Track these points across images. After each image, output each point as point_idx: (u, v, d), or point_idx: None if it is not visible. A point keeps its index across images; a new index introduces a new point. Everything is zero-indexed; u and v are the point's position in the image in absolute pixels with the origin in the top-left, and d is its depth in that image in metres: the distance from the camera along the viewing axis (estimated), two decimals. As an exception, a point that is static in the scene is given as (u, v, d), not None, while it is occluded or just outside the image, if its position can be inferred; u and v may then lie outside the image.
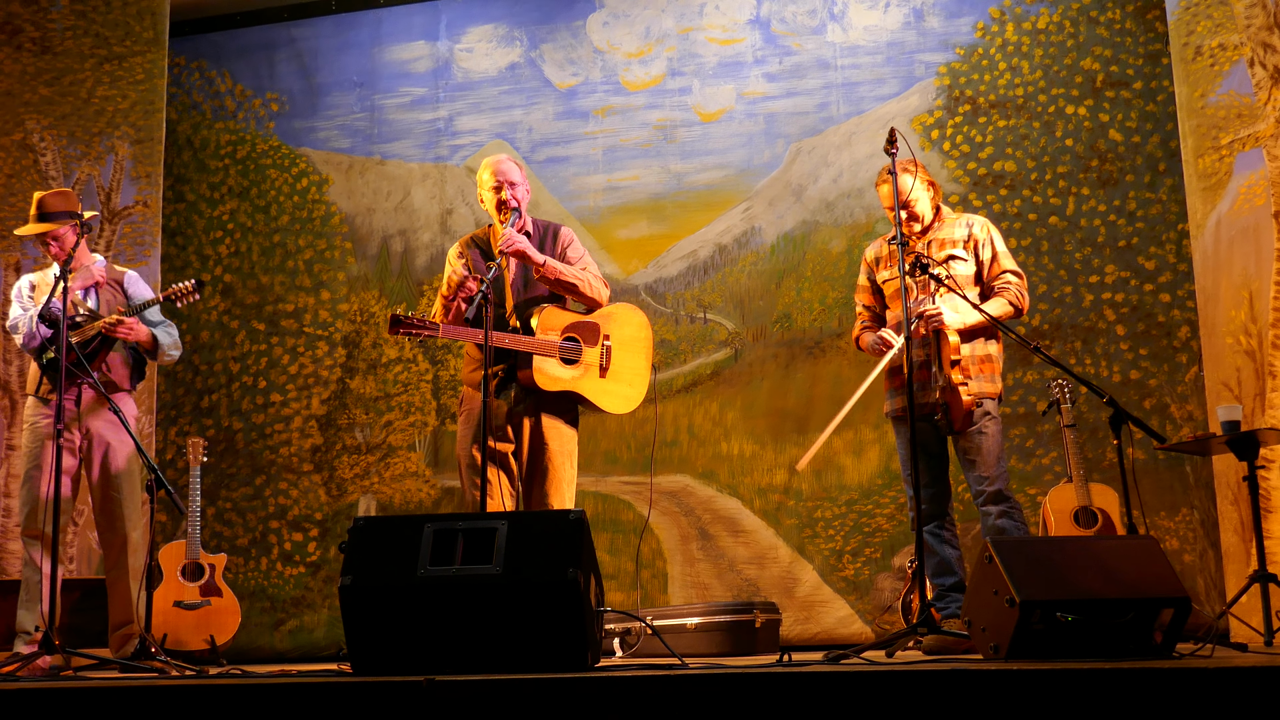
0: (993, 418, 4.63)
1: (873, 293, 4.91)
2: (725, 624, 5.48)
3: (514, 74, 7.45)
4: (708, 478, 6.78)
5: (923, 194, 4.71)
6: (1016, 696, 2.64)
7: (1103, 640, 3.24)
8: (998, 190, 6.61)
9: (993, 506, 4.59)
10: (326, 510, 7.24)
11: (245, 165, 7.75)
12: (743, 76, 7.10)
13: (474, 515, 3.65)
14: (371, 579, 3.42)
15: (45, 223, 5.15)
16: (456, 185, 7.43)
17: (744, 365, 6.85)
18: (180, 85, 7.80)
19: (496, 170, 4.80)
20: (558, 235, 4.92)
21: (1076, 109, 6.57)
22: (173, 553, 6.20)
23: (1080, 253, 6.45)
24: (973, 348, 4.63)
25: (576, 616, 3.32)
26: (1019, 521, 4.61)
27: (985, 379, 4.65)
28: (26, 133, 6.81)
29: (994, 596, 3.34)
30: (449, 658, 3.30)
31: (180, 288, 5.08)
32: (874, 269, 4.88)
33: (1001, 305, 4.63)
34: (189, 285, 5.10)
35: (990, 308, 4.58)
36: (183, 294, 5.08)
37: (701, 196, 7.07)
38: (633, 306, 5.01)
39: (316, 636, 6.99)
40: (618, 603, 6.50)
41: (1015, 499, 4.68)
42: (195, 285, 5.11)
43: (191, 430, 7.32)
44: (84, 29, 6.96)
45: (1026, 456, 6.33)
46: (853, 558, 6.47)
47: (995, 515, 4.56)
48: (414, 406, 7.26)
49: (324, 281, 7.52)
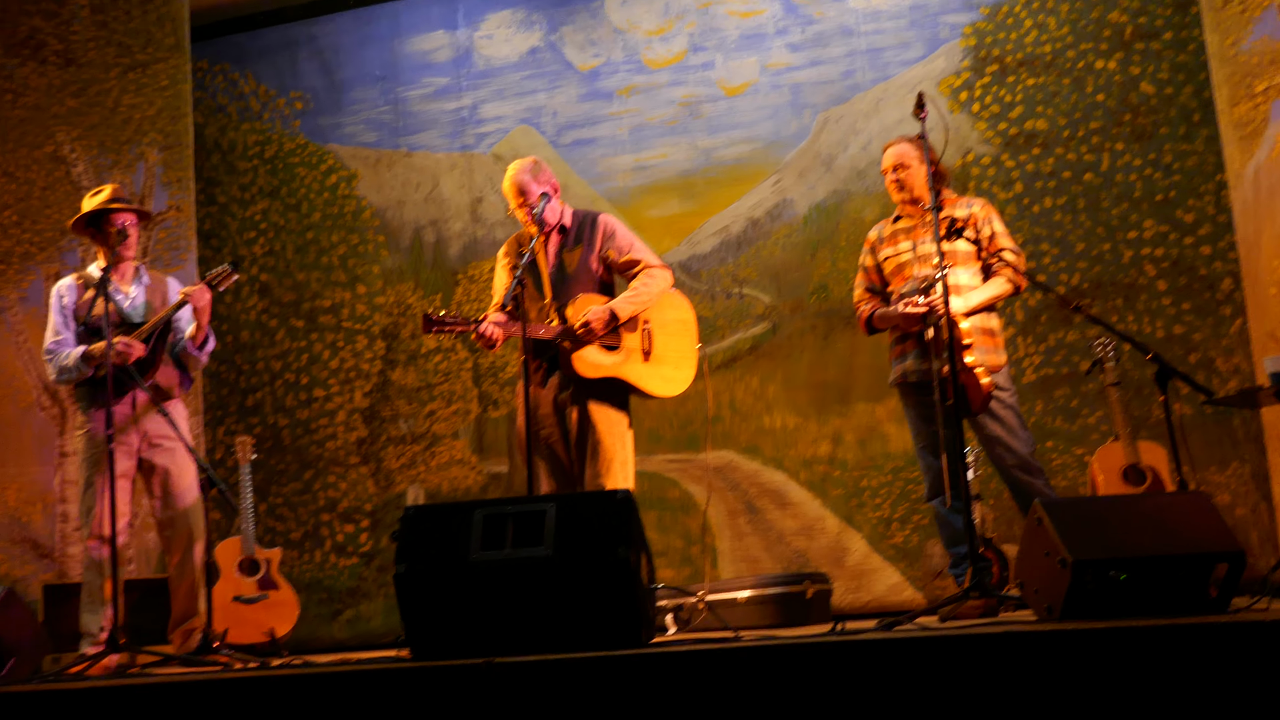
0: (1006, 390, 4.67)
1: (875, 272, 4.94)
2: (776, 596, 5.49)
3: (535, 58, 7.45)
4: (752, 452, 6.78)
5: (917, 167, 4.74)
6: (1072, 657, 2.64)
7: (1157, 597, 3.23)
8: (1030, 150, 6.56)
9: (1026, 475, 4.59)
10: (375, 501, 7.31)
11: (274, 165, 7.80)
12: (765, 48, 7.06)
13: (523, 499, 3.67)
14: (425, 566, 3.45)
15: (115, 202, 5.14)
16: (485, 173, 7.45)
17: (783, 338, 6.85)
18: (205, 89, 7.85)
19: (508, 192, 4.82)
20: (596, 225, 4.88)
21: (1106, 63, 6.50)
22: (229, 549, 6.27)
23: (1117, 209, 6.39)
24: (973, 322, 4.65)
25: (629, 595, 3.34)
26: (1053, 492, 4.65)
27: (990, 351, 4.69)
28: (57, 145, 6.88)
29: (1045, 558, 3.33)
30: (505, 640, 3.33)
31: (218, 271, 5.09)
32: (876, 247, 4.96)
33: (1001, 284, 4.74)
34: (226, 268, 5.11)
35: (991, 288, 4.72)
36: (222, 276, 5.09)
37: (731, 171, 7.05)
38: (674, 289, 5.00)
39: (374, 625, 7.06)
40: (668, 579, 6.53)
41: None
42: (233, 266, 5.12)
43: (238, 429, 7.40)
44: (106, 39, 7.02)
45: (1072, 416, 6.29)
46: (901, 525, 6.46)
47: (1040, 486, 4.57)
48: (456, 395, 7.30)
49: (359, 276, 7.56)
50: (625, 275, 4.88)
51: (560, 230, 4.88)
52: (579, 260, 4.83)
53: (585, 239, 4.85)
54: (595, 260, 4.84)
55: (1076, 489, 6.12)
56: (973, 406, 4.51)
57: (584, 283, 4.80)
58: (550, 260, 4.83)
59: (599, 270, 4.85)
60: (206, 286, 5.06)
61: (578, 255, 4.83)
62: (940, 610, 4.11)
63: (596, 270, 4.84)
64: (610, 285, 4.90)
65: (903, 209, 4.88)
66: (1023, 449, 4.61)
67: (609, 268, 4.87)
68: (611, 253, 4.84)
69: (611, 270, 4.89)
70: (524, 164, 4.83)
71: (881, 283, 4.93)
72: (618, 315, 4.67)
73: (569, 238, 4.87)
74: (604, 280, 4.88)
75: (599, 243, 4.84)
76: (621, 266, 4.86)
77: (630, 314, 4.72)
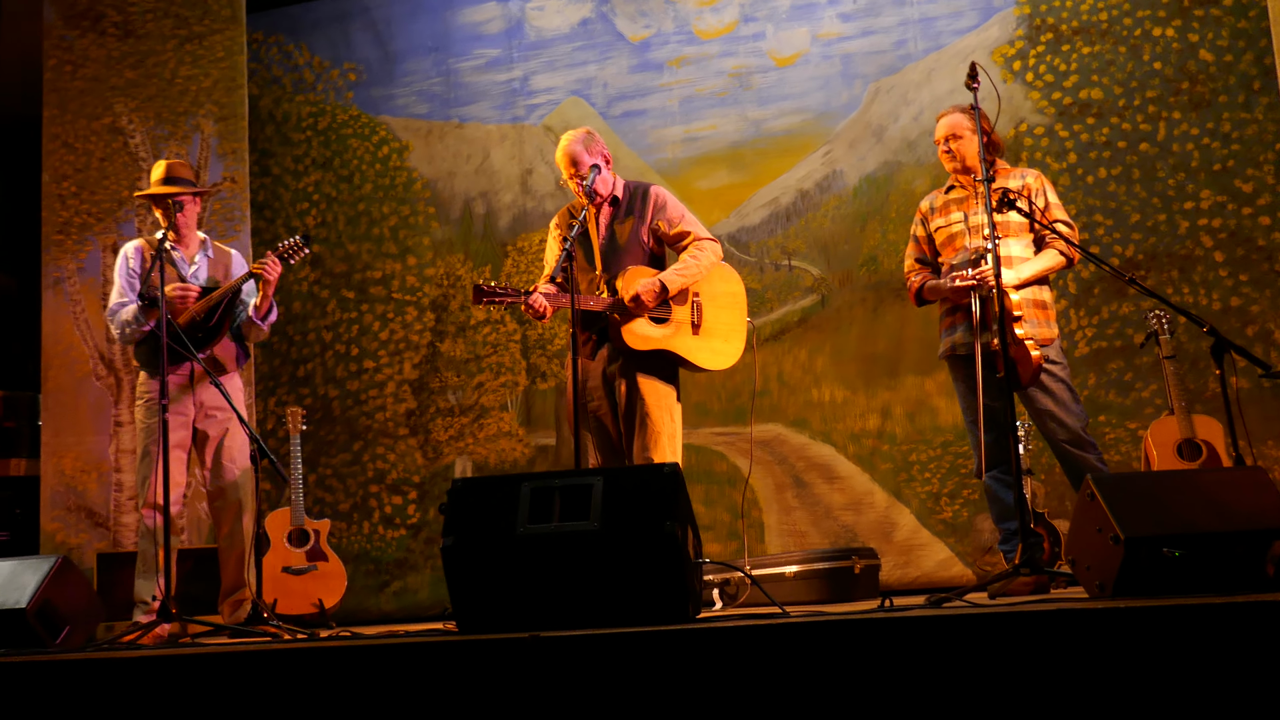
0: (1058, 363, 4.60)
1: (926, 243, 4.88)
2: (824, 571, 5.48)
3: (586, 29, 7.42)
4: (800, 425, 6.75)
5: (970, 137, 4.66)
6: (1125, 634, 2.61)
7: (1212, 575, 3.18)
8: (1084, 119, 6.45)
9: (1078, 450, 4.53)
10: (424, 473, 7.36)
11: (327, 136, 7.83)
12: (817, 18, 6.99)
13: (570, 472, 3.68)
14: (472, 539, 3.47)
15: (171, 185, 5.22)
16: (535, 145, 7.44)
17: (831, 311, 6.80)
18: (260, 60, 7.89)
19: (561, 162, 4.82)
20: (647, 196, 4.87)
21: (1164, 30, 6.38)
22: (278, 520, 6.34)
23: (1174, 179, 6.28)
24: (1024, 295, 4.58)
25: (675, 569, 3.34)
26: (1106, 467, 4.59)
27: (1042, 324, 4.62)
28: (115, 116, 6.95)
29: (1098, 534, 3.29)
30: (551, 613, 3.35)
31: (290, 243, 5.12)
32: (928, 218, 4.88)
33: (1053, 256, 4.64)
34: (298, 240, 5.13)
35: (1043, 260, 4.64)
36: (294, 249, 5.11)
37: (780, 142, 7.00)
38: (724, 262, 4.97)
39: (421, 597, 7.12)
40: (715, 553, 6.53)
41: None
42: (303, 239, 5.13)
43: (289, 400, 7.47)
44: (164, 10, 7.07)
45: (1125, 390, 6.21)
46: (950, 500, 6.41)
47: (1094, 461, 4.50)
48: (504, 367, 7.32)
49: (409, 247, 7.59)
50: (675, 247, 4.86)
51: (612, 202, 4.87)
52: (630, 232, 4.81)
53: (636, 211, 4.83)
54: (646, 232, 4.82)
55: (1130, 464, 6.04)
56: (1023, 380, 4.46)
57: (634, 255, 4.79)
58: (601, 232, 4.82)
59: (649, 242, 4.84)
60: (277, 259, 5.09)
61: (629, 227, 4.82)
62: (990, 587, 4.08)
63: (647, 242, 4.83)
64: (660, 257, 4.88)
65: (955, 179, 4.82)
66: (1074, 423, 4.55)
67: (659, 240, 4.86)
68: (662, 224, 4.82)
69: (662, 242, 4.87)
70: (577, 134, 4.83)
71: (933, 253, 4.87)
72: (668, 288, 4.66)
73: (620, 209, 4.86)
74: (654, 252, 4.86)
75: (649, 214, 4.83)
76: (672, 238, 4.84)
77: (680, 286, 4.70)
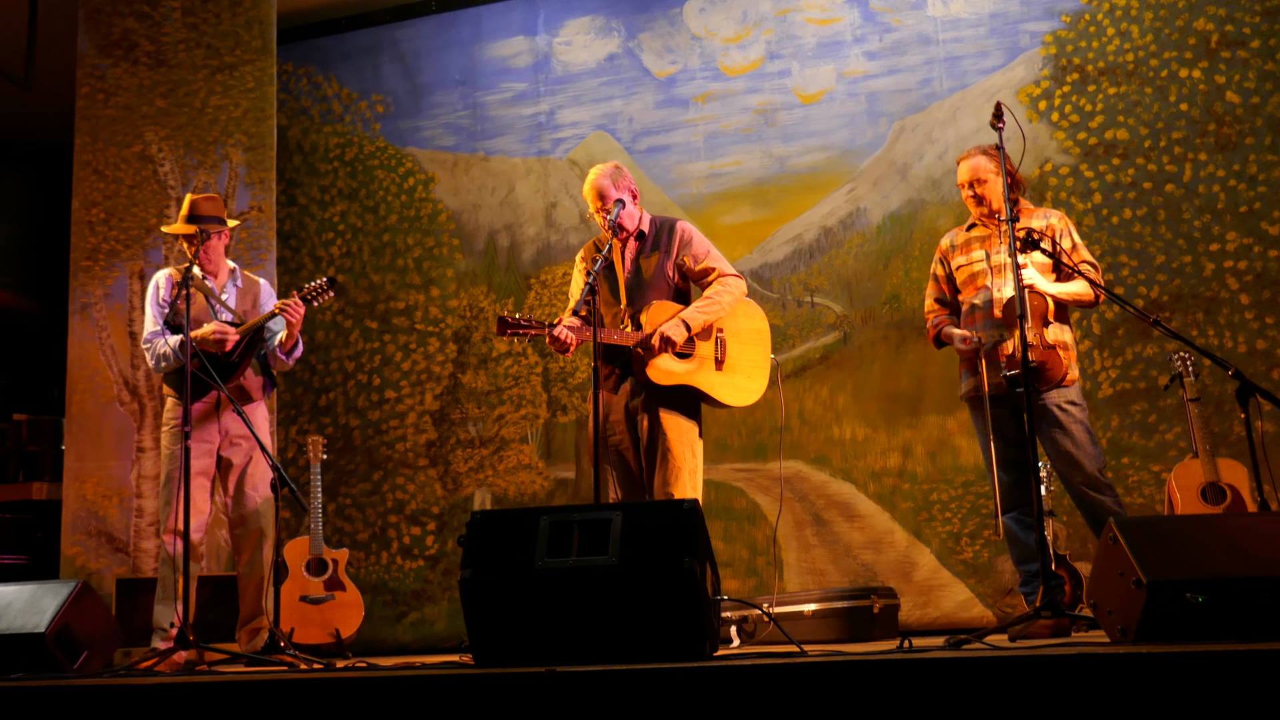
0: (1078, 405, 4.57)
1: (946, 282, 4.86)
2: (843, 610, 5.45)
3: (613, 65, 7.47)
4: (820, 463, 6.73)
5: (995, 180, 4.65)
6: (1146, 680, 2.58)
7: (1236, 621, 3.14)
8: (1110, 160, 6.45)
9: (1094, 493, 4.49)
10: (443, 504, 7.36)
11: (354, 167, 7.90)
12: (842, 56, 7.02)
13: (589, 507, 3.67)
14: (490, 572, 3.46)
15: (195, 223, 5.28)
16: (560, 178, 7.48)
17: (853, 348, 6.79)
18: (289, 91, 7.98)
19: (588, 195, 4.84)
20: (673, 231, 4.88)
21: (1191, 71, 6.37)
22: (297, 549, 6.35)
23: (1199, 220, 6.26)
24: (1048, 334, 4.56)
25: (693, 605, 3.33)
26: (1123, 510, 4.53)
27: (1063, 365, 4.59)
28: (145, 144, 7.02)
29: (1120, 578, 3.26)
30: (568, 648, 3.33)
31: (314, 286, 5.15)
32: (948, 256, 4.85)
33: (1083, 285, 4.60)
34: (322, 282, 5.16)
35: (1072, 285, 4.62)
36: (317, 291, 5.14)
37: (804, 179, 7.01)
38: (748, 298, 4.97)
39: (438, 629, 7.11)
40: (733, 590, 6.50)
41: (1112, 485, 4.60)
42: (328, 282, 5.16)
43: (311, 428, 7.49)
44: (196, 41, 7.15)
45: (1149, 432, 6.17)
46: (971, 540, 6.37)
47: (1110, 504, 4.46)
48: (525, 399, 7.33)
49: (433, 279, 7.63)
50: (700, 283, 4.87)
51: (638, 236, 4.89)
52: (655, 266, 4.82)
53: (662, 245, 4.85)
54: (671, 267, 4.84)
55: (1153, 507, 6.00)
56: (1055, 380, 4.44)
57: (659, 289, 4.80)
58: (627, 266, 4.84)
59: (674, 277, 4.85)
60: (301, 301, 5.12)
61: (654, 261, 4.83)
62: (1010, 629, 4.05)
63: (672, 277, 4.84)
64: (685, 293, 4.89)
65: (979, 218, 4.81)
66: (1091, 465, 4.51)
67: (684, 275, 4.86)
68: (687, 259, 4.83)
69: (687, 278, 4.88)
70: (605, 168, 4.85)
71: (952, 293, 4.85)
72: (690, 326, 4.66)
73: (646, 244, 4.87)
74: (679, 287, 4.87)
75: (675, 249, 4.84)
76: (697, 274, 4.85)
77: (702, 324, 4.70)
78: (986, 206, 4.71)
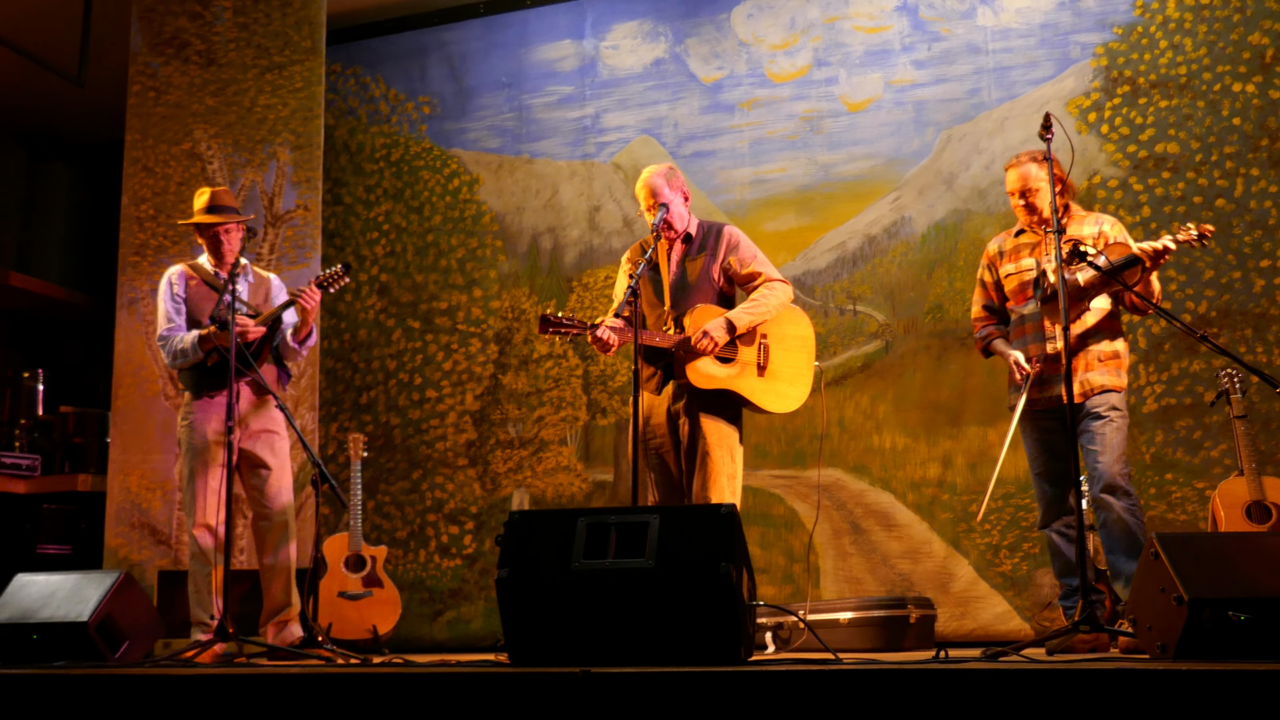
0: (1120, 411, 4.52)
1: (994, 289, 4.81)
2: (879, 619, 5.42)
3: (659, 69, 7.48)
4: (859, 471, 6.70)
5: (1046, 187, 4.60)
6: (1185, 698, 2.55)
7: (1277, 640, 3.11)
8: (1159, 173, 6.38)
9: (1112, 498, 4.42)
10: (481, 504, 7.39)
11: (399, 167, 7.95)
12: (890, 64, 6.99)
13: (626, 509, 3.68)
14: (527, 572, 3.48)
15: (215, 214, 5.36)
16: (604, 182, 7.50)
17: (895, 357, 6.76)
18: (337, 91, 8.05)
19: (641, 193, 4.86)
20: (721, 235, 4.89)
21: (1244, 86, 6.30)
22: (336, 545, 6.39)
23: (1250, 236, 6.18)
24: (1099, 344, 4.52)
25: (729, 610, 3.32)
26: (1140, 520, 4.45)
27: (1111, 373, 4.54)
28: (195, 142, 7.10)
29: (1161, 594, 3.23)
30: (603, 649, 3.34)
31: (330, 273, 5.20)
32: (996, 262, 4.79)
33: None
34: (338, 269, 5.21)
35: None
36: (333, 278, 5.20)
37: (849, 187, 6.99)
38: (793, 305, 4.97)
39: (474, 627, 7.14)
40: (769, 596, 6.48)
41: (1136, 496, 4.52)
42: (343, 269, 5.21)
43: (351, 426, 7.54)
44: (246, 40, 7.23)
45: (1194, 449, 6.10)
46: (1010, 552, 6.32)
47: (1120, 510, 4.39)
48: (565, 401, 7.35)
49: (476, 279, 7.66)
50: (746, 287, 4.86)
51: (685, 239, 4.89)
52: (701, 269, 4.83)
53: (709, 248, 4.85)
54: (717, 270, 4.84)
55: (1196, 524, 5.93)
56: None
57: (704, 292, 4.80)
58: (672, 268, 4.84)
59: (720, 281, 4.85)
60: (316, 287, 5.18)
61: (700, 264, 4.83)
62: (1048, 643, 4.02)
63: (718, 280, 4.84)
64: (731, 297, 4.89)
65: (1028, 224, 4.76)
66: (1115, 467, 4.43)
67: (730, 279, 4.86)
68: (734, 262, 4.83)
69: (732, 282, 4.87)
70: (659, 168, 4.88)
71: (1000, 300, 4.80)
72: (735, 326, 4.65)
73: (693, 246, 4.88)
74: (724, 291, 4.87)
75: (722, 253, 4.84)
76: (743, 278, 4.84)
77: (747, 325, 4.70)
78: (1038, 214, 4.67)
